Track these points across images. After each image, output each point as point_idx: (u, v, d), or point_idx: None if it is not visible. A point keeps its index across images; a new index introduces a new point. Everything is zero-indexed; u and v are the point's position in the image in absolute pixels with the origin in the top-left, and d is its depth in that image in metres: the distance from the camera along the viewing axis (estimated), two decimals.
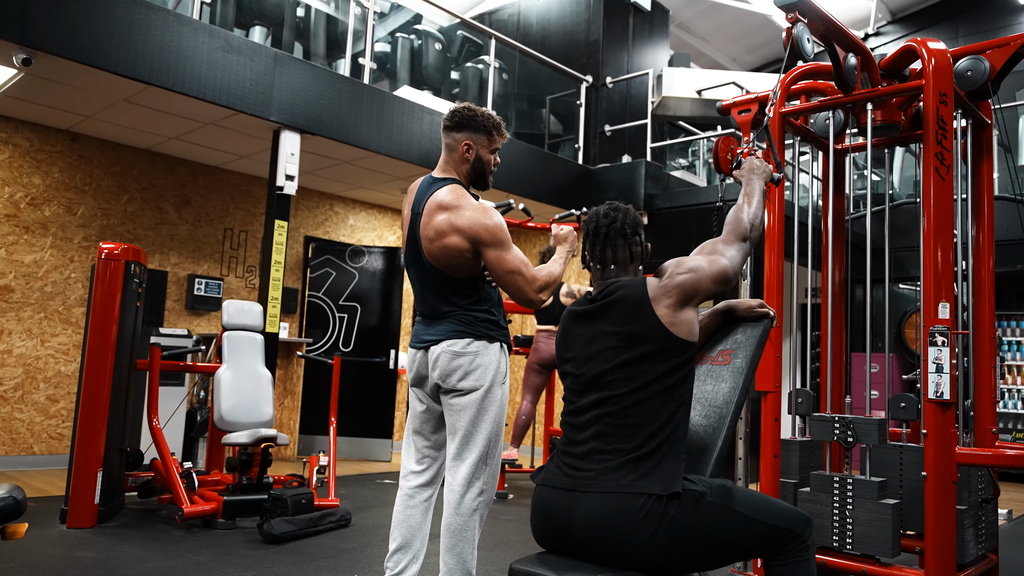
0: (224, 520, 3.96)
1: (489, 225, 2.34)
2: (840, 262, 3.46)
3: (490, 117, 2.49)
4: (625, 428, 1.72)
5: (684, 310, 1.81)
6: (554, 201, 7.06)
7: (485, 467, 2.36)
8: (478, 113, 2.47)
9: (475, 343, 2.38)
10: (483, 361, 2.37)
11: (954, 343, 2.75)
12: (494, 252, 2.34)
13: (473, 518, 2.34)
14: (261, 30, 5.68)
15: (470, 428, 2.35)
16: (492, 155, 2.51)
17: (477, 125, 2.46)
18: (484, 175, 2.52)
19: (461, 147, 2.46)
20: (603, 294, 1.90)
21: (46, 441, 5.60)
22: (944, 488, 2.64)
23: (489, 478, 2.38)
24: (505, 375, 2.44)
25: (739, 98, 3.71)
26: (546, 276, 2.39)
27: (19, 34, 4.06)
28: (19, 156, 5.57)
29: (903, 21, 11.18)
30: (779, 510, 1.76)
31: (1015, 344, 7.92)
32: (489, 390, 2.37)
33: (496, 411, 2.38)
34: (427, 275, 2.45)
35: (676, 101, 8.09)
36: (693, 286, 1.83)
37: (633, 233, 1.97)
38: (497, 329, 2.45)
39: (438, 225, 2.37)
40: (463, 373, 2.36)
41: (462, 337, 2.38)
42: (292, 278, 7.16)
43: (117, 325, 3.95)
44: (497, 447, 2.39)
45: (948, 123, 2.83)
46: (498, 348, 2.43)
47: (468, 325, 2.39)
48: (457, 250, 2.35)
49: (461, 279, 2.41)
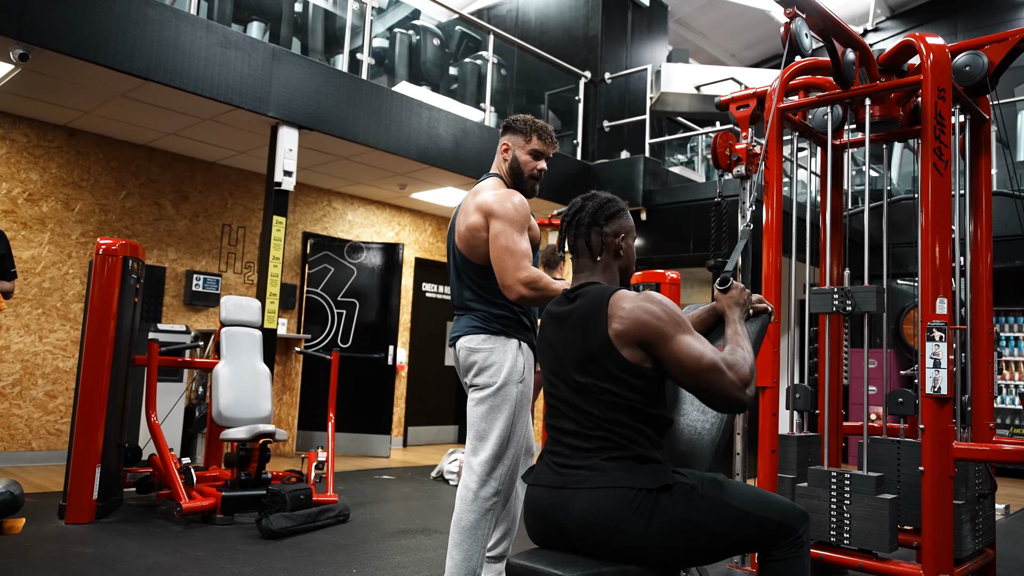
0: (222, 516, 3.96)
1: (502, 198, 2.39)
2: (838, 258, 3.46)
3: (529, 121, 2.58)
4: (601, 430, 1.70)
5: (632, 346, 1.68)
6: (552, 197, 7.06)
7: (499, 465, 2.36)
8: (519, 118, 2.61)
9: (490, 339, 2.41)
10: (497, 358, 2.39)
11: (952, 339, 2.75)
12: (497, 224, 2.36)
13: (485, 517, 2.34)
14: (259, 25, 5.67)
15: (483, 425, 2.38)
16: (531, 158, 2.57)
17: (516, 128, 2.58)
18: (521, 176, 2.57)
19: (501, 147, 2.60)
20: (574, 295, 1.84)
21: (44, 437, 5.60)
22: (941, 483, 2.65)
23: (506, 478, 2.38)
24: (523, 373, 2.41)
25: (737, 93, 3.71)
26: (538, 275, 2.33)
27: (16, 29, 4.05)
28: (16, 152, 5.56)
29: (902, 17, 11.17)
30: (774, 504, 1.75)
31: (1012, 340, 7.93)
32: (502, 388, 2.37)
33: (510, 410, 2.37)
34: (455, 262, 2.53)
35: (675, 97, 8.08)
36: (650, 333, 1.67)
37: (604, 222, 1.87)
38: (515, 326, 2.45)
39: (466, 206, 2.47)
40: (477, 369, 2.40)
41: (477, 333, 2.42)
42: (290, 274, 7.15)
43: (115, 321, 3.95)
44: (512, 447, 2.38)
45: (946, 119, 2.83)
46: (515, 345, 2.42)
47: (484, 321, 2.42)
48: (476, 227, 2.41)
49: (482, 267, 2.44)
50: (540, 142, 2.57)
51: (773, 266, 3.12)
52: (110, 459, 4.00)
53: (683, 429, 1.96)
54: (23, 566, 3.06)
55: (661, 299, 1.72)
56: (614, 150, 7.93)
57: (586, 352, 1.73)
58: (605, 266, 1.90)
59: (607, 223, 1.89)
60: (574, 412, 1.75)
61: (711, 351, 1.68)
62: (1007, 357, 7.90)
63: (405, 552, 3.57)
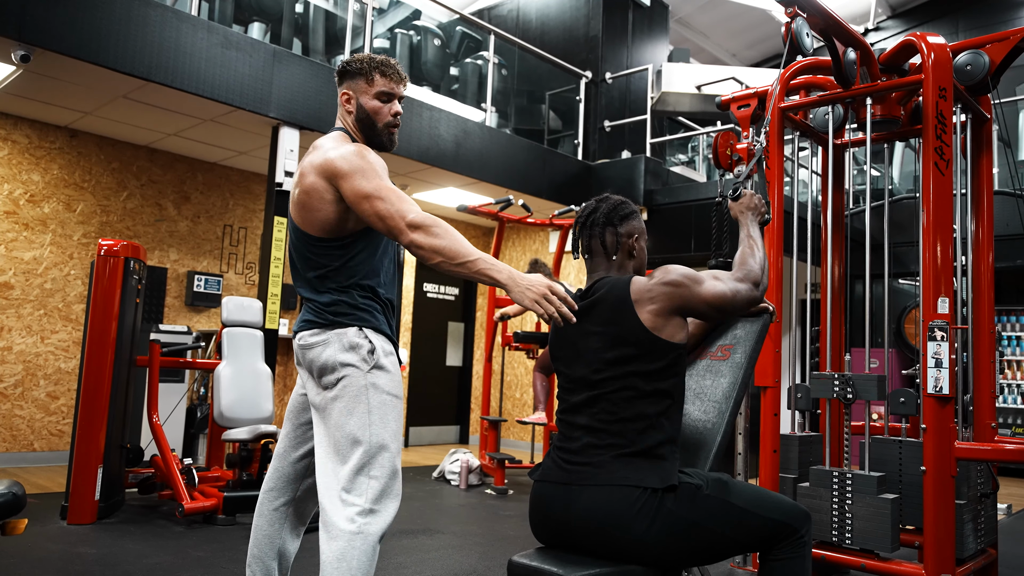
0: (224, 516, 3.96)
1: (345, 153, 1.92)
2: (839, 257, 3.46)
3: (365, 59, 2.10)
4: (617, 424, 1.72)
5: (670, 317, 1.77)
6: (554, 197, 7.06)
7: (364, 478, 1.87)
8: (353, 59, 2.11)
9: (323, 332, 1.96)
10: (331, 354, 1.92)
11: (953, 338, 2.75)
12: (349, 182, 1.88)
13: (355, 548, 1.86)
14: (260, 26, 5.68)
15: (337, 434, 1.90)
16: (380, 102, 2.08)
17: (352, 70, 2.09)
18: (374, 126, 2.08)
19: (342, 98, 2.12)
20: (590, 291, 1.88)
21: (46, 438, 5.61)
22: (943, 483, 2.65)
23: (370, 491, 1.87)
24: (372, 366, 1.93)
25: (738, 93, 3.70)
26: (433, 219, 1.84)
27: (18, 31, 4.05)
28: (18, 153, 5.56)
29: (903, 16, 11.16)
30: (777, 504, 1.76)
31: (1014, 339, 7.92)
32: (347, 385, 1.91)
33: (364, 407, 1.90)
34: (291, 240, 2.08)
35: (676, 96, 8.07)
36: (682, 297, 1.77)
37: (618, 222, 1.93)
38: (352, 311, 1.96)
39: (301, 168, 2.00)
40: (318, 368, 1.95)
41: (309, 327, 1.99)
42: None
43: (117, 322, 3.95)
44: (377, 451, 1.89)
45: (947, 118, 2.82)
46: (354, 334, 1.94)
47: (315, 314, 1.98)
48: (311, 189, 1.94)
49: (317, 239, 1.97)
50: (386, 79, 2.08)
51: (774, 266, 3.12)
52: (112, 460, 4.01)
53: (685, 428, 1.96)
54: (25, 567, 3.06)
55: (670, 268, 1.84)
56: (615, 150, 7.93)
57: (617, 340, 1.76)
58: (619, 265, 1.94)
59: (621, 223, 1.94)
60: (590, 406, 1.77)
61: (729, 283, 1.84)
62: (1009, 356, 7.89)
63: (407, 552, 3.57)
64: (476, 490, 5.47)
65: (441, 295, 8.46)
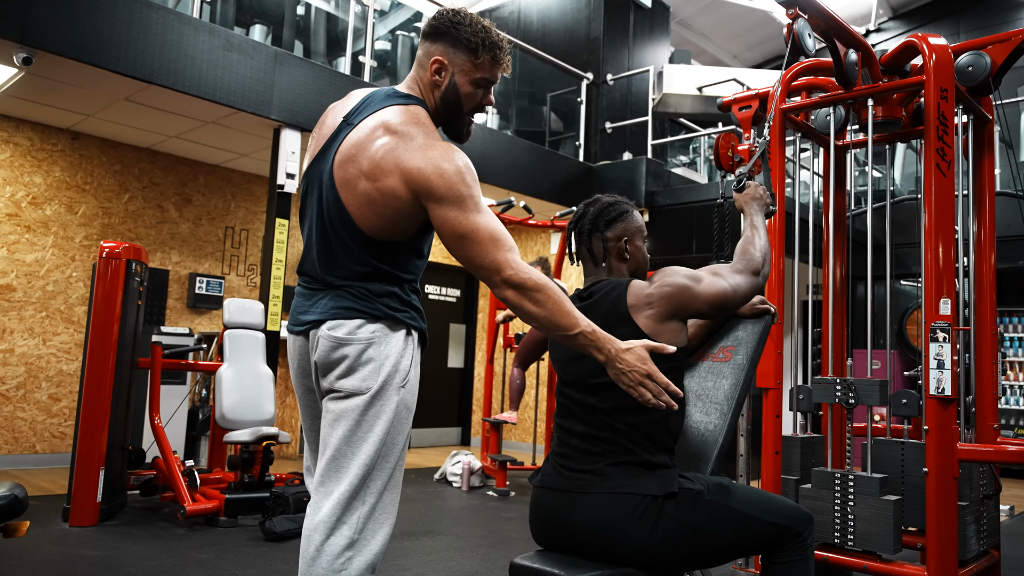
0: (226, 518, 3.96)
1: (444, 168, 1.55)
2: (841, 258, 3.46)
3: (479, 31, 1.69)
4: (612, 430, 1.70)
5: (668, 322, 1.75)
6: (555, 199, 7.05)
7: (359, 505, 1.59)
8: (463, 22, 1.68)
9: (368, 326, 1.62)
10: (377, 353, 1.61)
11: (955, 339, 2.75)
12: (443, 211, 1.56)
13: None
14: (261, 28, 5.69)
15: (345, 448, 1.60)
16: (475, 88, 1.72)
17: (461, 38, 1.68)
18: (459, 111, 1.74)
19: (432, 63, 1.71)
20: (587, 293, 1.86)
21: (48, 440, 5.61)
22: (946, 484, 2.64)
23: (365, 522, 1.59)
24: (407, 375, 1.66)
25: (740, 94, 3.70)
26: (535, 280, 1.56)
27: (20, 33, 4.06)
28: (20, 155, 5.57)
29: (904, 17, 11.15)
30: (779, 507, 1.75)
31: (1016, 340, 7.91)
32: (378, 395, 1.61)
33: (384, 427, 1.62)
34: (326, 217, 1.65)
35: (677, 98, 8.08)
36: (680, 300, 1.75)
37: (604, 227, 1.88)
38: (404, 308, 1.66)
39: (376, 155, 1.58)
40: (346, 368, 1.61)
41: (351, 317, 1.62)
42: (293, 276, 7.16)
43: (119, 324, 3.95)
44: (378, 479, 1.61)
45: (949, 119, 2.82)
46: (403, 335, 1.65)
47: (361, 300, 1.63)
48: (390, 193, 1.57)
49: (373, 241, 1.62)
50: (495, 66, 1.72)
51: (776, 267, 3.11)
52: (114, 462, 4.01)
53: (687, 431, 1.96)
54: (27, 569, 3.06)
55: (668, 270, 1.82)
56: (616, 151, 7.93)
57: None
58: (610, 270, 1.91)
59: (608, 228, 1.89)
60: (586, 412, 1.75)
61: (729, 278, 1.83)
62: (1011, 358, 7.88)
63: (408, 554, 3.57)
64: (478, 492, 5.47)
65: (443, 297, 8.45)
